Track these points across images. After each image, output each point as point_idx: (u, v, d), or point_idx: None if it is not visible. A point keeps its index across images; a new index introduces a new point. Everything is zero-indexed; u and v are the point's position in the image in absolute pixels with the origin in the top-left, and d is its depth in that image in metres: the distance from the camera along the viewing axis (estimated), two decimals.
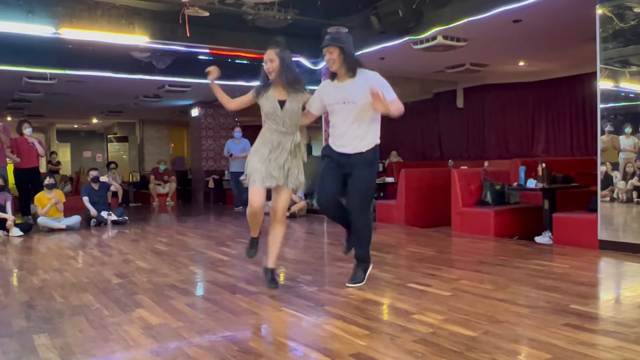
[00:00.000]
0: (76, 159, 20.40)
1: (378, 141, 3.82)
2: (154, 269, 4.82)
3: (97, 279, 4.44)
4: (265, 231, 3.96)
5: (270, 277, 3.91)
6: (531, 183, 6.18)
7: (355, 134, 3.75)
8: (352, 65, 3.77)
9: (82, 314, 3.34)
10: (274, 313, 3.32)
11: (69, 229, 8.01)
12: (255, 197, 3.74)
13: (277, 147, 3.77)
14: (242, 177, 3.88)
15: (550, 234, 5.97)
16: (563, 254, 5.18)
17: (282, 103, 3.77)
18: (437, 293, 3.67)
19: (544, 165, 6.22)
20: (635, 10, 4.98)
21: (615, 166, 5.31)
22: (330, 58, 3.75)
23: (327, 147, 3.95)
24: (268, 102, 3.78)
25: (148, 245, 6.43)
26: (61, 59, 8.86)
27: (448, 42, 7.28)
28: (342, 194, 3.86)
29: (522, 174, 6.37)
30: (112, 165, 13.46)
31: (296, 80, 3.83)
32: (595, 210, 5.43)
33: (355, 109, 3.72)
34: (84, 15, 7.16)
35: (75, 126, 20.12)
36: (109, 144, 19.79)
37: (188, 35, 7.12)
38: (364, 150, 3.76)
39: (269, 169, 3.73)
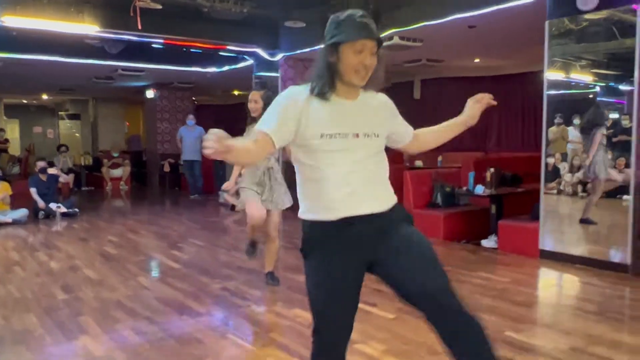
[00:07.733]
0: (26, 135, 19.65)
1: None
2: (102, 280, 4.77)
3: (42, 293, 4.37)
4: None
5: (271, 277, 4.57)
6: (479, 189, 6.34)
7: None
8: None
9: (24, 343, 3.29)
10: (218, 342, 3.35)
11: (15, 222, 7.79)
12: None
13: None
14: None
15: (496, 238, 6.18)
16: (506, 264, 5.38)
17: None
18: (382, 316, 3.77)
19: (492, 170, 6.38)
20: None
21: (564, 157, 5.46)
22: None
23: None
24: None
25: (97, 246, 6.32)
26: (6, 43, 8.48)
27: (405, 42, 7.32)
28: None
29: (471, 180, 6.53)
30: (63, 149, 13.03)
31: None
32: (537, 218, 5.65)
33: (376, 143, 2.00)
34: (28, 3, 6.83)
35: (25, 101, 19.33)
36: (60, 121, 19.12)
37: (140, 28, 6.89)
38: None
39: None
